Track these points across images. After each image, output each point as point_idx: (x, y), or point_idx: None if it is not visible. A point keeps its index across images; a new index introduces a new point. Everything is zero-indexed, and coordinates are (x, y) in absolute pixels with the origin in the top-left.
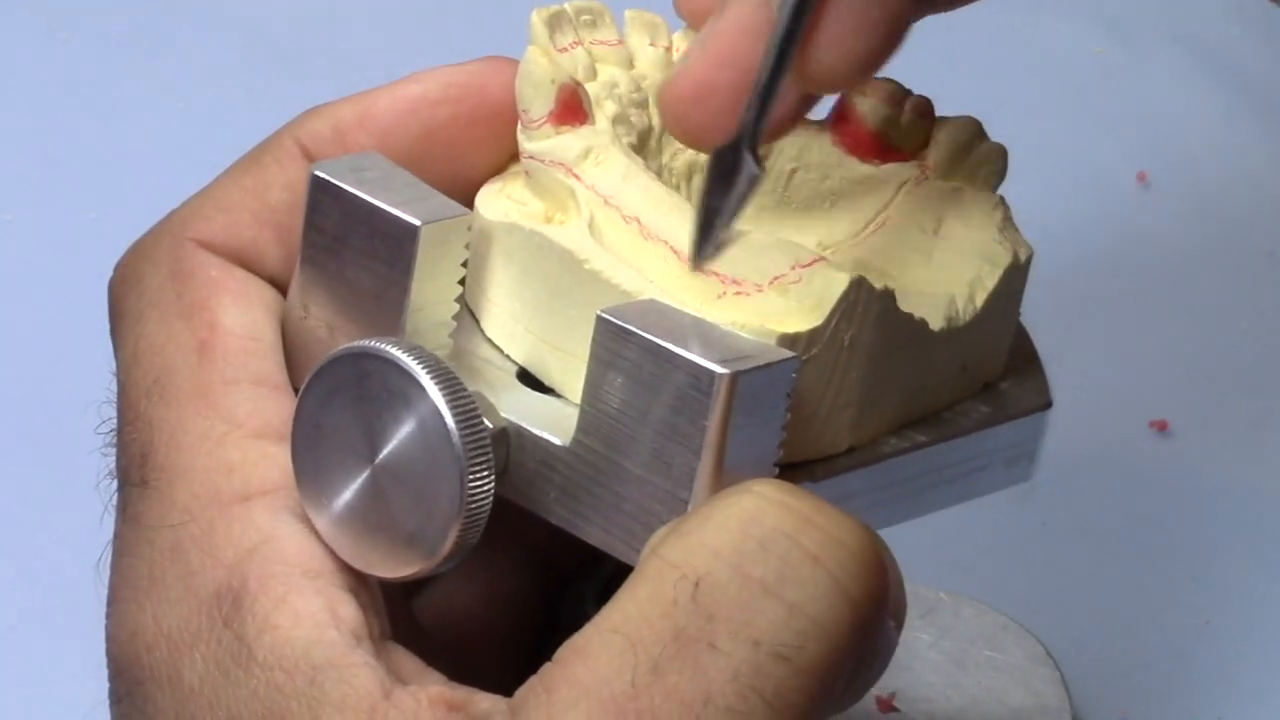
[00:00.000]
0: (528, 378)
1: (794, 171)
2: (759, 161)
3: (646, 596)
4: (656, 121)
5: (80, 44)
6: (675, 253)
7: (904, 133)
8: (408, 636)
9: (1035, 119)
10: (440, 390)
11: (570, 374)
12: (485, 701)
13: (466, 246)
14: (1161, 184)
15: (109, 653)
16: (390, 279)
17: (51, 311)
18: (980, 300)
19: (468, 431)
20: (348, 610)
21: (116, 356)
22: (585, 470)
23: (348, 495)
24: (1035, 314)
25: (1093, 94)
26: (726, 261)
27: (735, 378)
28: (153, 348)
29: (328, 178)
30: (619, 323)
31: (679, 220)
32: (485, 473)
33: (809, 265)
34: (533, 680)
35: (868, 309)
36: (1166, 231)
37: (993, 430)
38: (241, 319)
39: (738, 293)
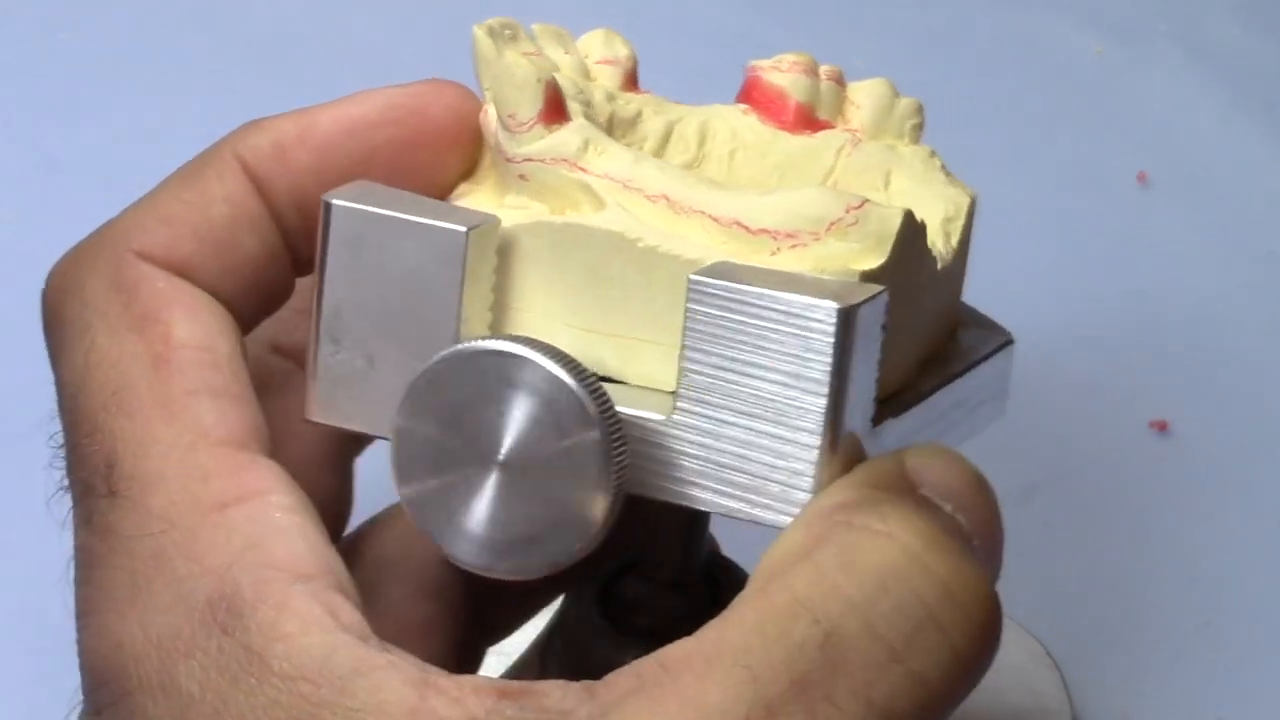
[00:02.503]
0: None
1: (734, 152)
2: None
3: (775, 634)
4: (603, 121)
5: (80, 44)
6: (715, 220)
7: (825, 101)
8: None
9: (1035, 119)
10: (567, 371)
11: (631, 358)
12: (555, 691)
13: (495, 252)
14: (1161, 184)
15: (86, 665)
16: (435, 292)
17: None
18: (955, 241)
19: (601, 404)
20: (347, 612)
21: (58, 366)
22: (694, 438)
23: (480, 506)
24: (1035, 314)
25: (1093, 94)
26: (774, 217)
27: (851, 312)
28: (106, 360)
29: (349, 204)
30: (718, 282)
31: (707, 189)
32: (622, 442)
33: (859, 207)
34: (628, 678)
35: (915, 242)
36: (1166, 231)
37: (989, 361)
38: (194, 331)
39: (794, 245)
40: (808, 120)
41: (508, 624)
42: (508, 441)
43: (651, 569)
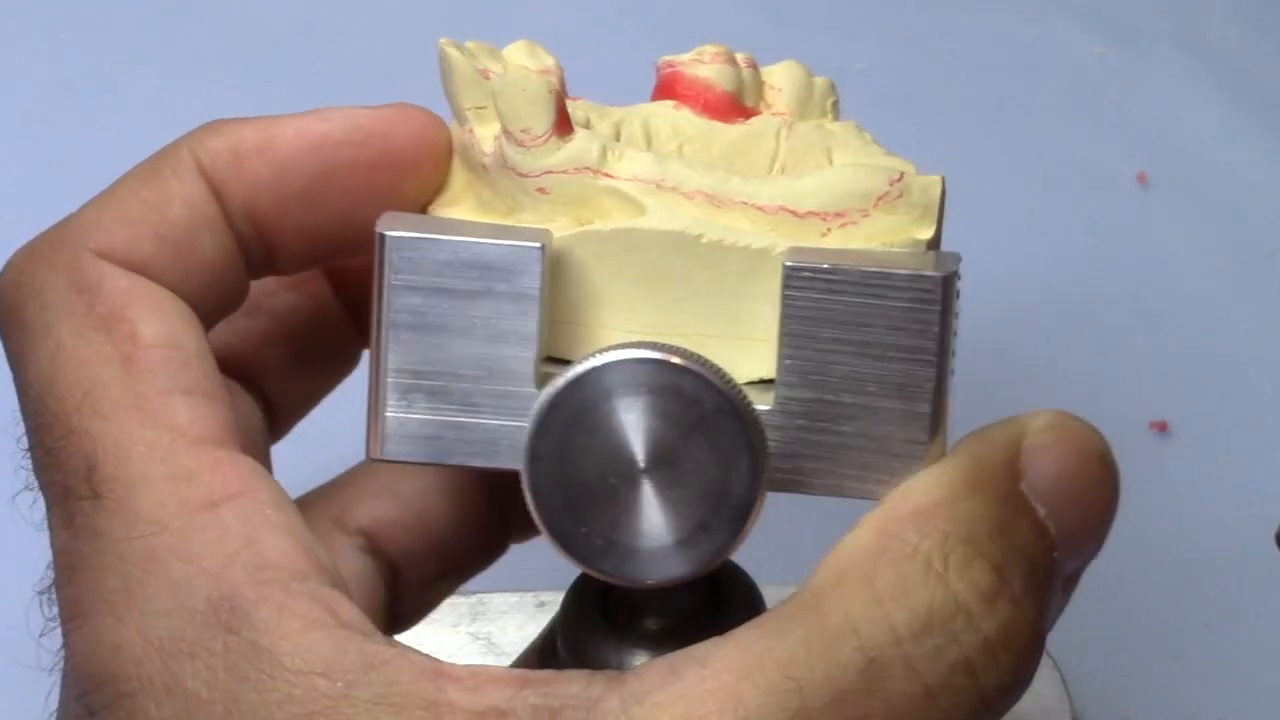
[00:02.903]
0: None
1: (680, 147)
2: None
3: (821, 651)
4: None
5: (80, 44)
6: (760, 209)
7: (748, 88)
8: None
9: (1035, 119)
10: (709, 371)
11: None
12: (578, 680)
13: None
14: (1161, 184)
15: (77, 669)
16: (511, 312)
17: None
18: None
19: (743, 400)
20: (347, 609)
21: (20, 367)
22: (800, 424)
23: (620, 516)
24: (1035, 314)
25: (1093, 94)
26: (820, 199)
27: (950, 279)
28: (74, 361)
29: (410, 234)
30: (816, 265)
31: (742, 180)
32: (764, 439)
33: (900, 179)
34: (658, 670)
35: (944, 206)
36: (1166, 231)
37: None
38: (160, 329)
39: (844, 224)
40: (739, 108)
41: (410, 617)
42: (650, 448)
43: None
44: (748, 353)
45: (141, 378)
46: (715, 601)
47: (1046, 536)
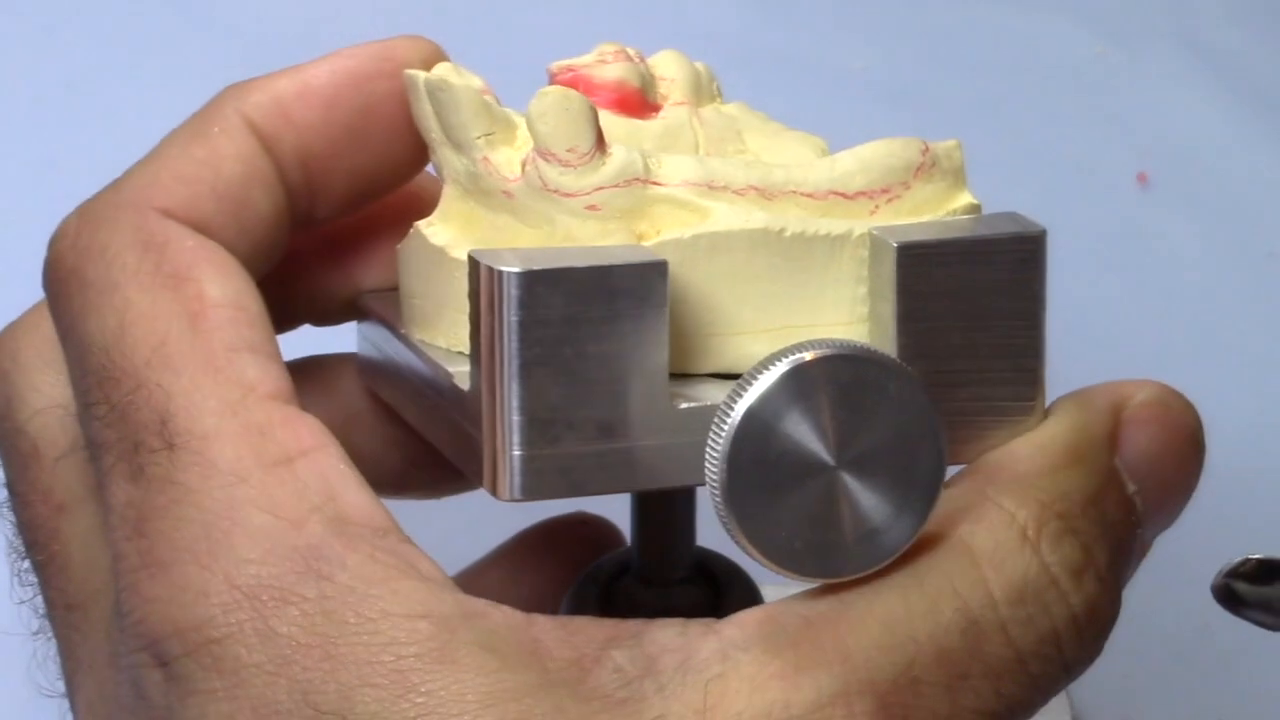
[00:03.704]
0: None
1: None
2: None
3: (925, 611)
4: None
5: (80, 44)
6: (809, 196)
7: (648, 82)
8: None
9: (1035, 119)
10: (888, 360)
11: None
12: (671, 628)
13: None
14: (1161, 184)
15: (149, 618)
16: (637, 334)
17: None
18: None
19: (923, 383)
20: (426, 563)
21: (82, 324)
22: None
23: (820, 514)
24: None
25: (1093, 94)
26: (867, 178)
27: (1043, 235)
28: (144, 317)
29: (537, 266)
30: (921, 240)
31: (784, 171)
32: (942, 417)
33: (927, 150)
34: (757, 617)
35: None
36: (1166, 231)
37: None
38: (225, 288)
39: (890, 199)
40: (647, 104)
41: None
42: (839, 442)
43: (650, 569)
44: (836, 337)
45: (210, 335)
46: (715, 601)
47: (1133, 513)
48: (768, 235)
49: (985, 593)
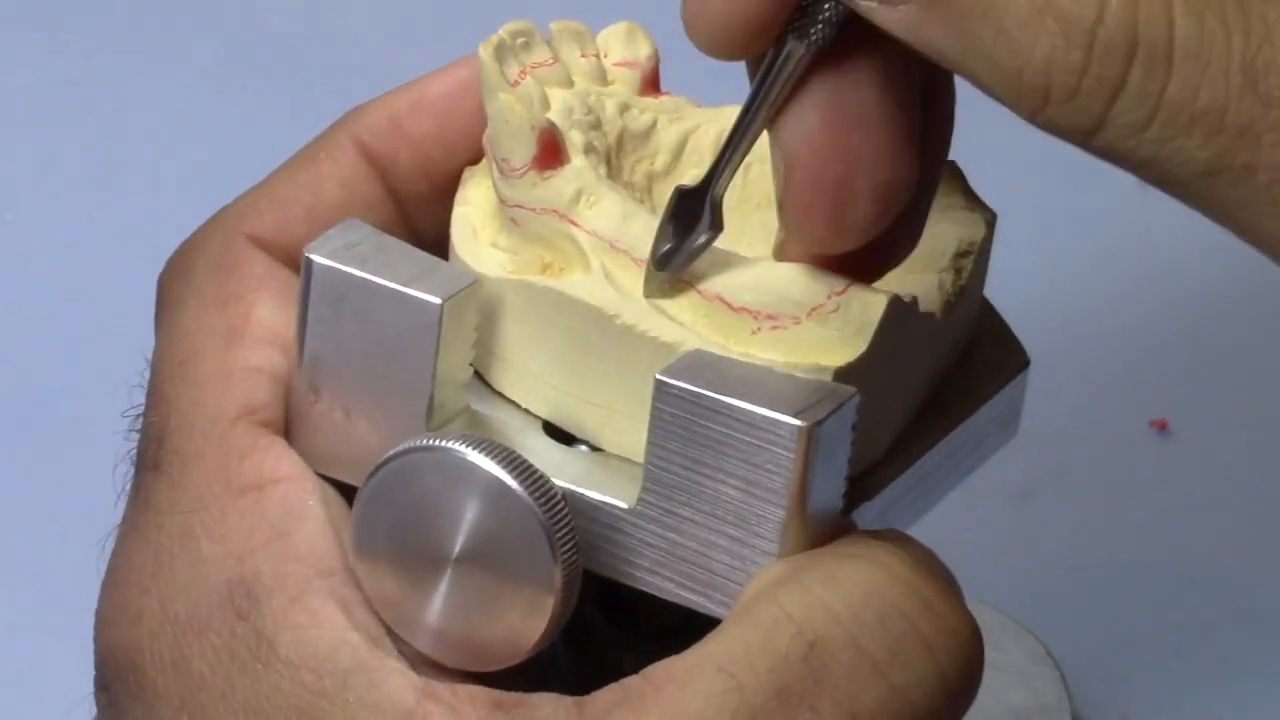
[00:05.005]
0: (551, 429)
1: (749, 165)
2: (718, 216)
3: (758, 643)
4: (613, 138)
5: (80, 44)
6: (699, 293)
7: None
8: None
9: None
10: (510, 471)
11: (607, 427)
12: (546, 705)
13: (476, 310)
14: None
15: (101, 636)
16: (411, 357)
17: (50, 311)
18: (965, 276)
19: (545, 504)
20: (361, 612)
21: (155, 337)
22: (656, 530)
23: (439, 603)
24: (1035, 314)
25: None
26: (757, 297)
27: (814, 429)
28: (186, 332)
29: (327, 262)
30: (683, 385)
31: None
32: (572, 540)
33: (843, 292)
34: (614, 692)
35: (902, 322)
36: (1166, 231)
37: (992, 400)
38: (277, 315)
39: (774, 327)
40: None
41: None
42: (460, 539)
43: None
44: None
45: (237, 355)
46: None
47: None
48: (601, 316)
49: (826, 612)
